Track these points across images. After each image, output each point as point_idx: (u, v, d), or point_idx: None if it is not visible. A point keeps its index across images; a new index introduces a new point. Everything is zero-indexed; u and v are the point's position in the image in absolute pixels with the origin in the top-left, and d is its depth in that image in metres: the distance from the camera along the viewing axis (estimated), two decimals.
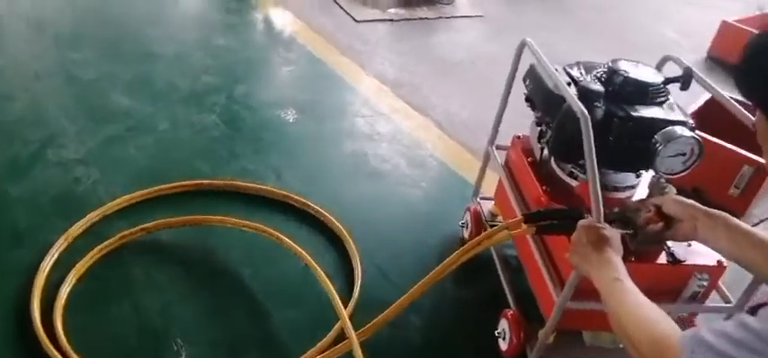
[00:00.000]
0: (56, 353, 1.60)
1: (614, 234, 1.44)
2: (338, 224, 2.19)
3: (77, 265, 1.86)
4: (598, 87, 1.70)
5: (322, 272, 1.87)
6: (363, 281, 1.99)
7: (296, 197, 2.29)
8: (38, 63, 2.96)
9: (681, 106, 1.76)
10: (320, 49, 3.59)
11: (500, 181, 2.14)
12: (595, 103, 1.68)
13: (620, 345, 1.80)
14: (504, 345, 1.85)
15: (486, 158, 2.24)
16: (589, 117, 1.53)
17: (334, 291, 1.78)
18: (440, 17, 4.43)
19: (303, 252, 1.95)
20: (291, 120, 2.85)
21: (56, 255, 1.90)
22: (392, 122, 3.00)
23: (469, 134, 2.98)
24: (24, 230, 2.01)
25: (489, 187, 2.28)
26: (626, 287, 1.27)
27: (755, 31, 1.04)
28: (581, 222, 1.47)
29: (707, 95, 2.86)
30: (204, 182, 2.29)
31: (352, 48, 3.68)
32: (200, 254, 2.04)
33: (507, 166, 2.12)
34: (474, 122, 3.07)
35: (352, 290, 1.95)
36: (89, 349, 1.63)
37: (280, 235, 2.01)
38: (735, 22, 4.29)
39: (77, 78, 2.89)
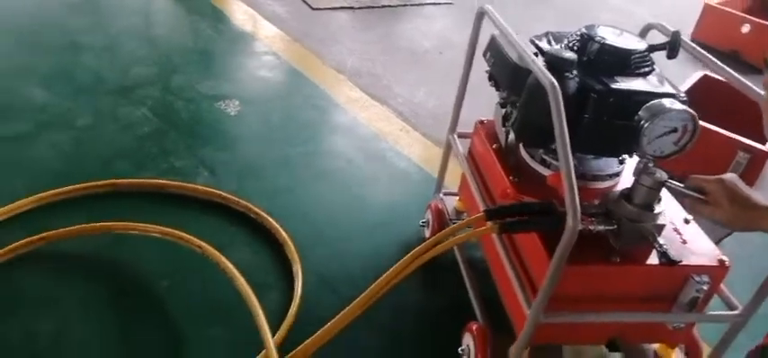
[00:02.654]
0: None
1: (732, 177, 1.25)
2: (278, 227, 1.89)
3: None
4: (570, 55, 1.42)
5: (247, 285, 1.56)
6: (306, 294, 1.70)
7: (230, 197, 1.98)
8: None
9: (669, 79, 1.50)
10: (271, 38, 3.28)
11: (464, 174, 1.86)
12: (567, 74, 1.40)
13: None
14: None
15: (448, 148, 1.95)
16: (559, 88, 1.26)
17: (258, 307, 1.47)
18: (406, 4, 4.14)
19: (227, 262, 1.64)
20: (233, 114, 2.54)
21: None
22: (348, 114, 2.70)
23: (436, 125, 2.70)
24: None
25: (456, 181, 2.00)
26: None
27: (740, 14, 0.76)
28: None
29: (696, 76, 2.61)
30: (119, 181, 1.97)
31: (308, 36, 3.38)
32: (109, 266, 1.73)
33: (471, 157, 1.83)
34: (441, 113, 2.79)
35: (292, 304, 1.65)
36: None
37: (201, 243, 1.70)
38: (718, 5, 4.07)
39: None
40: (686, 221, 1.47)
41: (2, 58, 2.64)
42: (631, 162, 1.56)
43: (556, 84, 1.25)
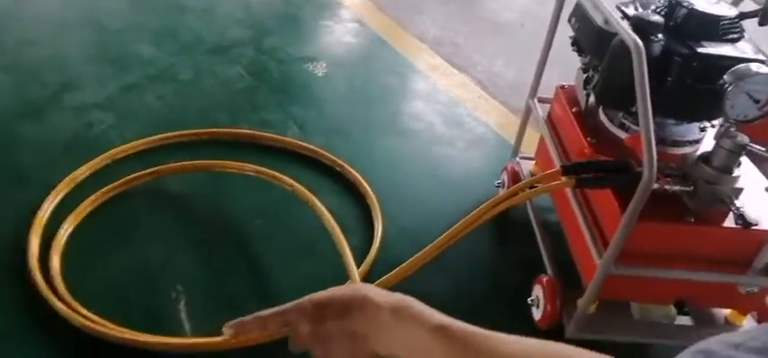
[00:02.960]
0: (50, 294, 1.50)
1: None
2: (361, 179, 2.01)
3: (78, 208, 1.76)
4: (657, 19, 1.45)
5: (334, 222, 1.69)
6: (386, 240, 1.81)
7: (317, 149, 2.12)
8: (65, 12, 2.88)
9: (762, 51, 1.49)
10: (357, 6, 3.40)
11: (541, 139, 1.92)
12: (652, 37, 1.43)
13: (676, 321, 1.55)
14: (537, 315, 1.63)
15: (527, 113, 2.01)
16: (643, 48, 1.29)
17: (344, 242, 1.60)
18: None
19: (316, 200, 1.78)
20: (321, 75, 2.68)
21: (59, 197, 1.80)
22: (429, 80, 2.79)
23: (514, 94, 2.74)
24: (29, 171, 1.92)
25: (531, 147, 2.07)
26: (483, 332, 0.58)
27: None
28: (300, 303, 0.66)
29: None
30: (219, 130, 2.15)
31: (392, 4, 3.48)
32: (210, 202, 1.91)
33: (549, 120, 1.88)
34: (519, 83, 2.82)
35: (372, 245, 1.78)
36: (85, 292, 1.53)
37: (293, 182, 1.85)
38: None
39: (104, 27, 2.81)
40: (767, 190, 1.47)
41: (118, 17, 2.89)
42: (711, 131, 1.57)
43: (640, 43, 1.29)
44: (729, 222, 1.35)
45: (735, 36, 1.46)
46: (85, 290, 1.54)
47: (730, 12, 1.47)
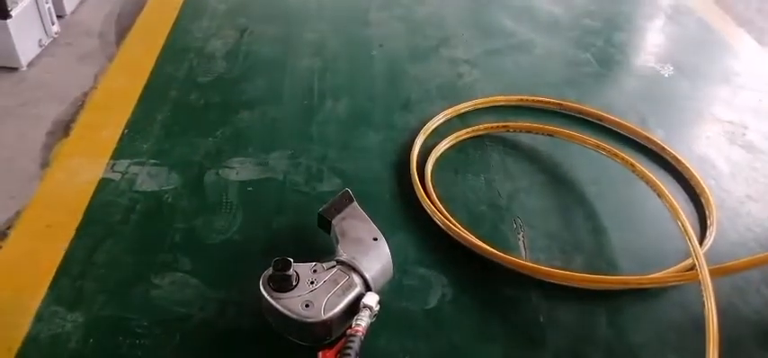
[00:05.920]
0: (423, 192, 1.91)
1: None
2: (697, 177, 2.05)
3: (450, 137, 2.17)
4: None
5: (674, 201, 1.79)
6: (716, 243, 1.84)
7: (655, 140, 2.22)
8: None
9: None
10: (711, 17, 3.30)
11: None
12: None
13: None
14: None
15: None
16: None
17: (685, 221, 1.70)
18: None
19: (656, 180, 1.90)
20: (666, 76, 2.73)
21: (434, 125, 2.24)
22: None
23: None
24: (413, 101, 2.42)
25: None
26: None
27: None
28: None
29: None
30: (565, 102, 2.39)
31: (752, 22, 3.30)
32: (550, 161, 2.15)
33: None
34: None
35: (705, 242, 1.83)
36: (448, 199, 1.91)
37: (634, 162, 1.99)
38: None
39: None
40: None
41: None
42: None
43: None
44: None
45: None
46: (448, 199, 1.91)
47: None
